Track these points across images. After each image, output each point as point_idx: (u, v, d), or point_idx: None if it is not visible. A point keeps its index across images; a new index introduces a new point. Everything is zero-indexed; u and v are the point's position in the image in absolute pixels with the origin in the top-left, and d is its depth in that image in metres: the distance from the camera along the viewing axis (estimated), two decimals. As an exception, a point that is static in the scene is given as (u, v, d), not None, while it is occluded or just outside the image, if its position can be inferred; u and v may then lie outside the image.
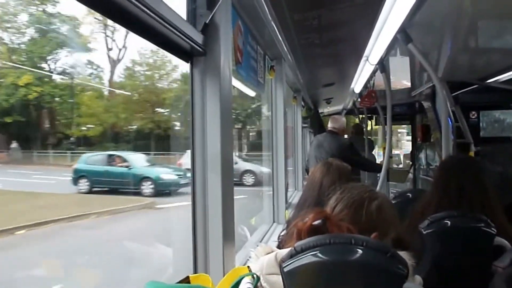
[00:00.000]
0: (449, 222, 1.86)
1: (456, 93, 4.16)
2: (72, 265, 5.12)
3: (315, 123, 7.54)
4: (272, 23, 2.60)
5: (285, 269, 1.08)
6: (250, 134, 17.18)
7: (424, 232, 1.85)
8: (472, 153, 3.80)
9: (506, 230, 1.89)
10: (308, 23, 2.75)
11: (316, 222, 1.18)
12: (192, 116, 1.62)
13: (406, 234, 2.05)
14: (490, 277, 1.44)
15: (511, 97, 4.70)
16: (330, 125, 4.51)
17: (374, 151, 7.98)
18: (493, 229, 1.80)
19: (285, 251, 1.15)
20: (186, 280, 1.24)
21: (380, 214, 1.28)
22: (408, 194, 2.70)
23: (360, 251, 1.07)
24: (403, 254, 1.10)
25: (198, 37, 1.54)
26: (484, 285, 1.46)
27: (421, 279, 1.23)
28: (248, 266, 1.21)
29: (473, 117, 5.08)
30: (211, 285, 1.26)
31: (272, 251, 1.22)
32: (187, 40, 1.44)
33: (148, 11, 1.16)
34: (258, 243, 2.66)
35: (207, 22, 1.57)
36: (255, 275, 1.15)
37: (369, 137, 7.92)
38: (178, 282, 1.23)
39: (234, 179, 1.88)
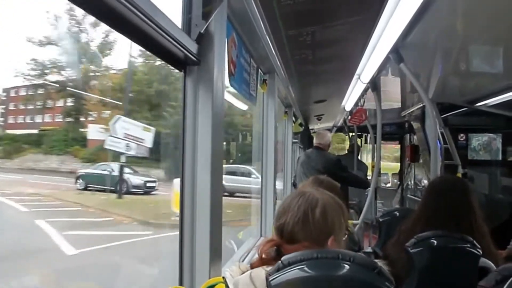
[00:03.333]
0: (435, 242, 1.87)
1: (445, 115, 4.22)
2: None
3: (305, 138, 7.56)
4: (267, 37, 2.62)
5: (272, 283, 1.07)
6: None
7: (411, 251, 1.85)
8: (459, 175, 3.84)
9: (491, 252, 1.90)
10: (302, 39, 2.77)
11: (267, 256, 1.22)
12: (183, 126, 1.61)
13: (393, 251, 2.06)
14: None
15: (499, 121, 4.79)
16: (315, 141, 4.55)
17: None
18: (478, 250, 1.81)
19: (259, 270, 1.15)
20: None
21: (326, 218, 1.25)
22: (396, 212, 2.71)
23: (347, 266, 1.06)
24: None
25: (193, 46, 1.54)
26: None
27: None
28: (223, 277, 1.20)
29: (462, 139, 5.17)
30: None
31: (247, 270, 1.22)
32: (181, 48, 1.44)
33: (144, 18, 1.16)
34: (243, 257, 2.63)
35: (202, 32, 1.58)
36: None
37: (362, 160, 7.49)
38: None
39: None
